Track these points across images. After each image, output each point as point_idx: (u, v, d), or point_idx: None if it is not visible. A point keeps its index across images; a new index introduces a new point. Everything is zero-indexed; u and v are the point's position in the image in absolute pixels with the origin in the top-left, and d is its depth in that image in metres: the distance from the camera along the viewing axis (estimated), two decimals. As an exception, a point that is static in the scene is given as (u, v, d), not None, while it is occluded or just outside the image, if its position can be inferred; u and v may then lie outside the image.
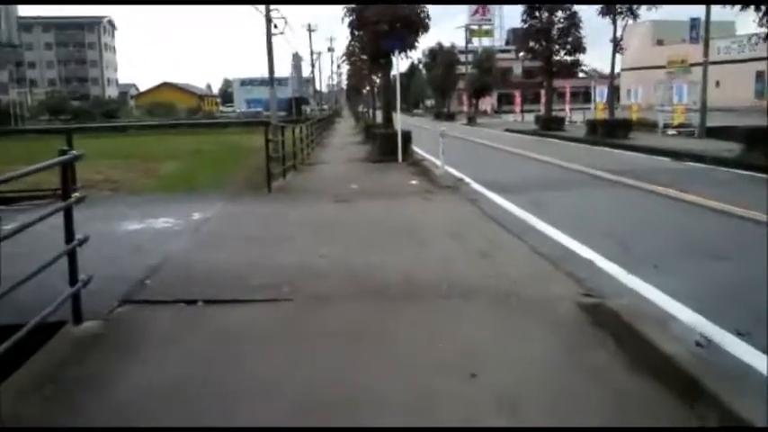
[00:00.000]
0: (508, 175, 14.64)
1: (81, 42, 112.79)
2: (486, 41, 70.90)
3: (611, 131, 24.25)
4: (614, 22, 25.25)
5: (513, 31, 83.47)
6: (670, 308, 5.09)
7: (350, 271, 6.06)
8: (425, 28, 19.01)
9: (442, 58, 62.23)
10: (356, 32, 22.26)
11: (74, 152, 4.35)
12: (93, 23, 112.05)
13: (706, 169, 14.76)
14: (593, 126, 26.11)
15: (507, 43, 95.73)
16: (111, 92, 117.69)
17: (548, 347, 4.23)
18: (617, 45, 25.63)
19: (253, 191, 12.40)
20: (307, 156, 20.63)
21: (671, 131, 26.00)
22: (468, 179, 13.53)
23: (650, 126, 27.21)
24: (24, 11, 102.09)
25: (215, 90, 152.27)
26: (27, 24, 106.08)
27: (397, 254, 6.76)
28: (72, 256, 4.41)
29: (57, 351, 4.11)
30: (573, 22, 31.90)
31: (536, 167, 16.56)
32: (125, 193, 13.51)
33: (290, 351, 4.23)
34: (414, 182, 13.34)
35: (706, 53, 25.23)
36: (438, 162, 15.20)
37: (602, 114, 32.73)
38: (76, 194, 4.42)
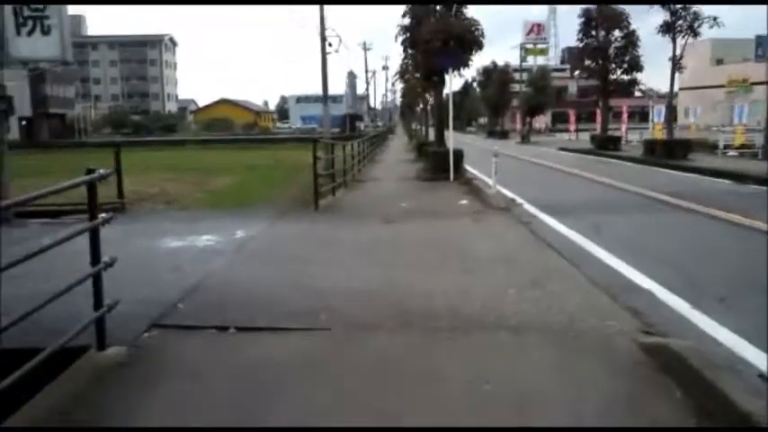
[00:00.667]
0: (563, 197, 14.18)
1: (143, 59, 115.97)
2: (540, 60, 70.03)
3: (669, 152, 23.44)
4: (674, 40, 24.50)
5: (568, 50, 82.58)
6: (738, 349, 4.66)
7: (393, 298, 5.76)
8: (479, 46, 18.68)
9: (496, 76, 61.84)
10: (409, 51, 22.13)
11: (101, 171, 4.19)
12: (156, 41, 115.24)
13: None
14: (650, 146, 25.32)
15: (562, 62, 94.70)
16: (171, 107, 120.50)
17: (607, 396, 3.84)
18: (676, 64, 24.82)
19: (300, 208, 12.23)
20: (358, 172, 20.51)
21: (731, 152, 25.07)
22: (520, 200, 13.13)
23: (710, 147, 26.28)
24: (92, 29, 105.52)
25: (272, 106, 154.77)
26: (93, 43, 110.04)
27: (444, 280, 6.44)
28: (97, 279, 4.24)
29: (74, 380, 3.92)
30: (630, 40, 31.19)
31: (592, 189, 16.01)
32: (176, 207, 13.55)
33: (323, 391, 3.95)
34: (464, 201, 13.00)
35: (771, 72, 24.21)
36: (490, 182, 14.84)
37: (659, 134, 31.87)
38: (103, 215, 4.23)
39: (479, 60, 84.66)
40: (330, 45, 31.55)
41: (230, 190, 17.59)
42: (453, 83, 19.10)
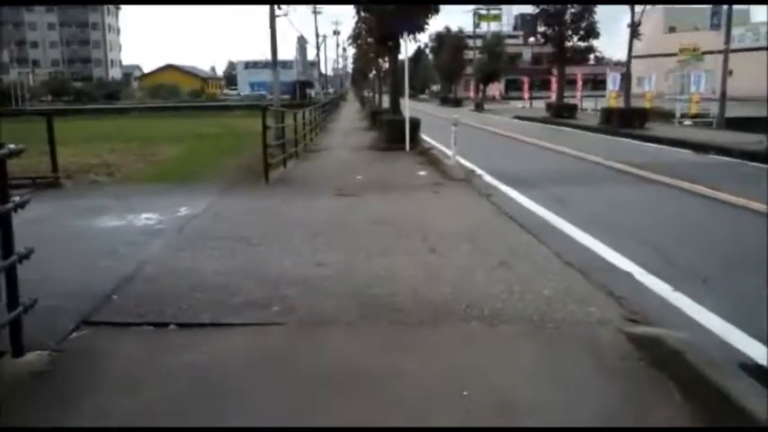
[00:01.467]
0: (523, 167, 13.77)
1: (84, 22, 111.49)
2: (494, 26, 69.58)
3: (626, 121, 23.26)
4: (632, 6, 24.19)
5: (522, 17, 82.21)
6: (733, 339, 4.27)
7: (353, 285, 5.21)
8: (436, 9, 18.06)
9: (449, 42, 61.05)
10: (363, 13, 21.34)
11: (11, 146, 3.49)
12: (97, 4, 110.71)
13: (734, 163, 13.85)
14: (607, 115, 25.12)
15: (515, 29, 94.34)
16: (115, 73, 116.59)
17: (598, 400, 3.39)
18: (635, 30, 24.55)
19: (250, 181, 11.55)
20: (310, 141, 19.82)
21: (687, 122, 25.07)
22: (480, 171, 12.66)
23: (665, 115, 26.21)
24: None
25: (219, 73, 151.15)
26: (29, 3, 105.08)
27: (407, 263, 5.91)
28: (10, 273, 3.58)
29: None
30: (586, 6, 30.85)
31: (552, 158, 15.65)
32: (117, 180, 12.75)
33: (278, 397, 3.40)
34: (423, 173, 12.48)
35: (727, 40, 24.25)
36: (448, 152, 14.35)
37: (614, 103, 31.75)
38: (16, 199, 3.55)
39: (432, 26, 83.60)
40: (279, 8, 30.41)
41: (176, 161, 16.86)
42: (408, 48, 18.40)
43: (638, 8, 24.32)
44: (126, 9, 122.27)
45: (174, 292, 4.99)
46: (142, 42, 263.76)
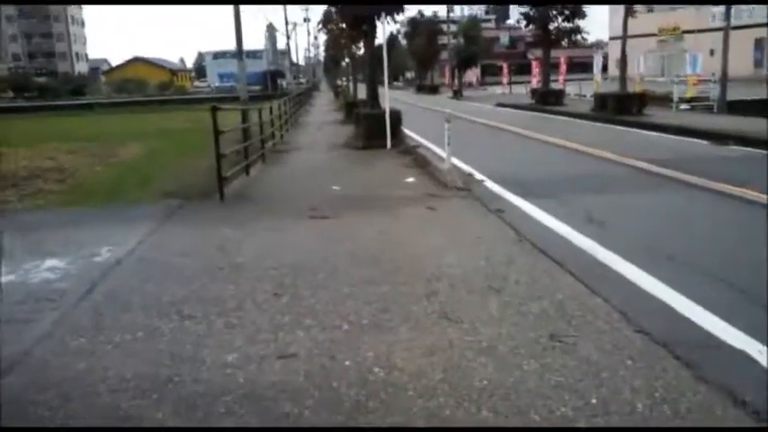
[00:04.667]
0: (527, 168, 11.77)
1: (46, 14, 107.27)
2: (466, 9, 67.55)
3: (622, 107, 21.40)
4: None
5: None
6: None
7: (331, 405, 3.24)
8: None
9: (423, 27, 58.89)
10: (334, -5, 19.25)
11: None
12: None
13: (763, 156, 11.98)
14: (602, 100, 23.19)
15: (487, 12, 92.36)
16: (82, 67, 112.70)
17: None
18: (629, 8, 22.71)
19: (205, 195, 9.52)
20: (280, 139, 17.74)
21: (683, 106, 23.30)
22: (478, 174, 10.68)
23: (658, 99, 24.33)
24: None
25: (189, 64, 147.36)
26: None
27: (411, 346, 3.94)
28: None
29: None
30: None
31: (555, 155, 13.62)
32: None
33: None
34: (411, 179, 10.50)
35: (728, 16, 22.42)
36: (438, 150, 12.40)
37: (597, 87, 30.00)
38: None
39: (406, 11, 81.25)
40: (245, -6, 28.20)
41: (134, 163, 15.40)
42: (379, 34, 16.34)
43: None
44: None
45: (55, 414, 3.00)
46: (109, 35, 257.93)
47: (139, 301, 4.79)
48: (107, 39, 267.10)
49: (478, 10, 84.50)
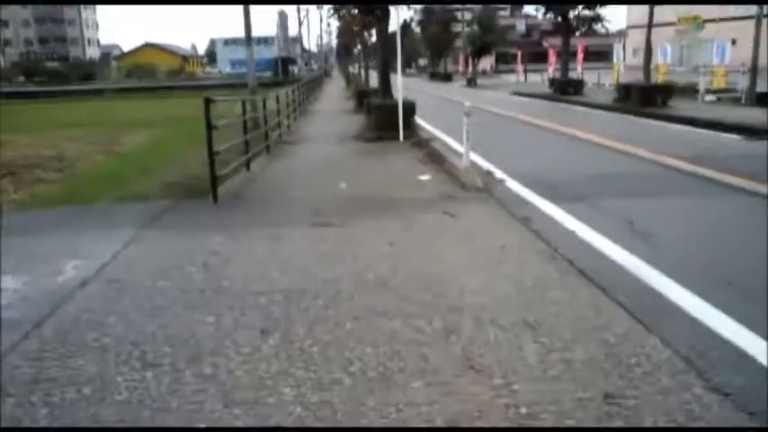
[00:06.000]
0: (551, 165, 10.74)
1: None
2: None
3: (647, 98, 20.32)
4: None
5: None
6: None
7: None
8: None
9: (438, 14, 57.79)
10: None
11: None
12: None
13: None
14: (625, 91, 22.09)
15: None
16: (93, 53, 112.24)
17: None
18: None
19: (199, 193, 8.70)
20: (287, 129, 16.88)
21: (709, 97, 22.16)
22: (499, 172, 9.76)
23: (681, 90, 23.14)
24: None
25: (201, 50, 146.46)
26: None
27: (425, 407, 3.07)
28: None
29: None
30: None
31: (581, 150, 12.59)
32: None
33: None
34: (426, 177, 9.61)
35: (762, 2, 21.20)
36: (454, 144, 11.49)
37: (616, 76, 28.86)
38: None
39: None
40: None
41: (138, 152, 15.31)
42: (395, 20, 15.36)
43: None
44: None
45: None
46: (121, 21, 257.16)
47: (96, 341, 3.90)
48: (119, 24, 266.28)
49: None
